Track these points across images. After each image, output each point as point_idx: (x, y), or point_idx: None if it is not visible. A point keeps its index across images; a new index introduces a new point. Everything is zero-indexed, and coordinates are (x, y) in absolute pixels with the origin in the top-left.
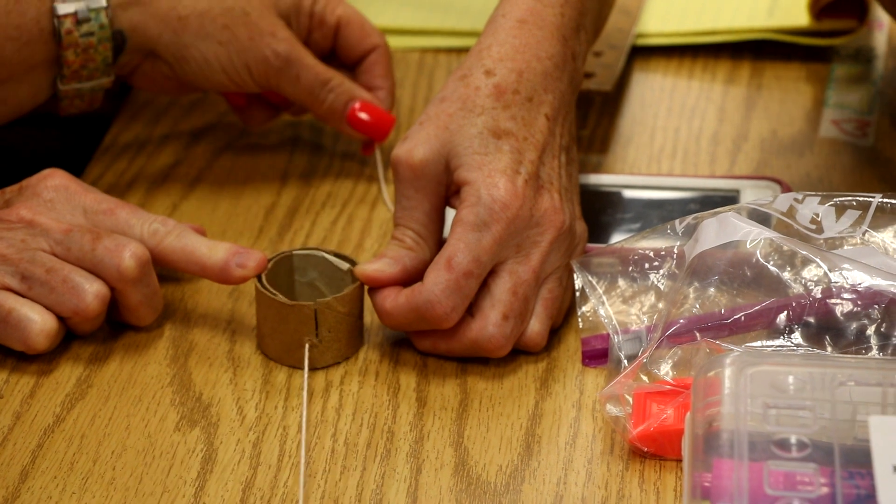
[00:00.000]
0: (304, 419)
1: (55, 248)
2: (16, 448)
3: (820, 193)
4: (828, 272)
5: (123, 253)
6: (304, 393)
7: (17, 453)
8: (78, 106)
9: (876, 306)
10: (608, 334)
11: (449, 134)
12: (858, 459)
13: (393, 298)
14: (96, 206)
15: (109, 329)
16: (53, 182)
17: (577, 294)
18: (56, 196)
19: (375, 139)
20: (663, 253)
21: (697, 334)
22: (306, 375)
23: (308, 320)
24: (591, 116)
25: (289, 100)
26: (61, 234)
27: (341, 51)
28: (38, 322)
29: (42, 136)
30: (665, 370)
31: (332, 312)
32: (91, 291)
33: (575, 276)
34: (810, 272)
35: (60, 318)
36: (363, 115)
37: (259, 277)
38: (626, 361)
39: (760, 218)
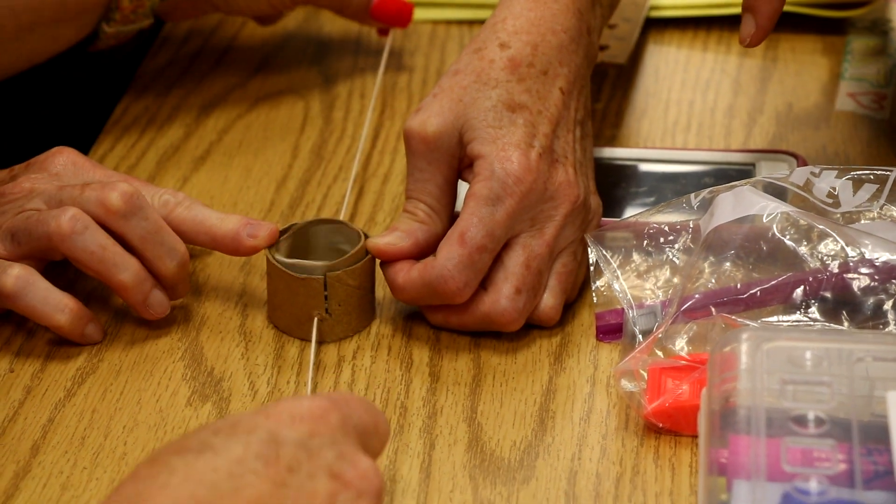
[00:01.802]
0: (309, 392)
1: (49, 203)
2: (27, 423)
3: (837, 167)
4: (845, 246)
5: (108, 189)
6: (311, 366)
7: (28, 428)
8: (111, 44)
9: (894, 281)
10: (622, 309)
11: (463, 107)
12: (876, 436)
13: (405, 273)
14: (105, 180)
15: (120, 304)
16: (62, 158)
17: (592, 268)
18: (63, 171)
19: (399, 26)
20: (678, 227)
21: (713, 309)
22: (314, 348)
23: (318, 293)
24: (604, 89)
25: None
26: (55, 190)
27: None
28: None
29: (49, 114)
30: (680, 345)
31: (342, 286)
32: (67, 215)
33: (589, 250)
34: (827, 247)
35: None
36: (385, 7)
37: (270, 249)
38: (640, 336)
39: (776, 192)
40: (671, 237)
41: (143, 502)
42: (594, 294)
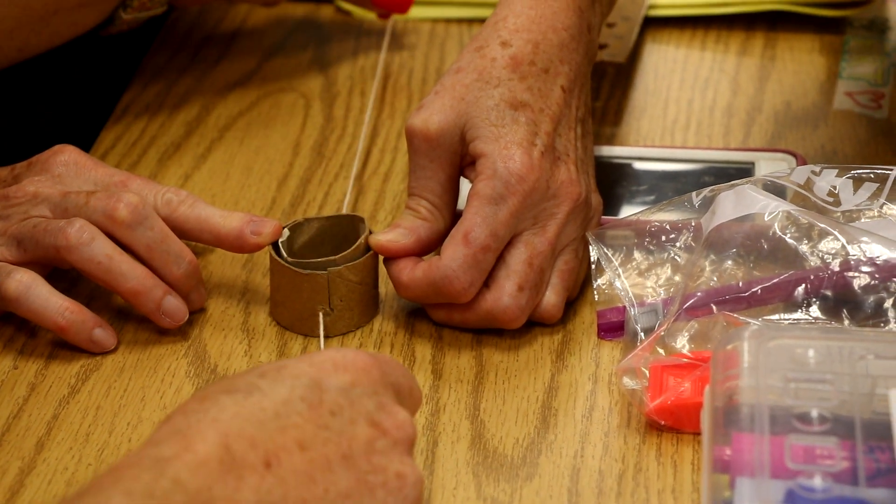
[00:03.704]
0: None
1: (54, 211)
2: (31, 419)
3: (837, 166)
4: (845, 245)
5: (114, 200)
6: None
7: (33, 424)
8: (122, 28)
9: (894, 279)
10: (624, 307)
11: (465, 105)
12: (879, 433)
13: (409, 271)
14: (108, 179)
15: (122, 302)
16: (63, 157)
17: (593, 266)
18: (65, 171)
19: (399, 12)
20: (680, 225)
21: (714, 307)
22: (322, 345)
23: (320, 289)
24: (604, 88)
25: None
26: (59, 197)
27: None
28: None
29: (50, 109)
30: (682, 343)
31: (344, 281)
32: (74, 227)
33: (591, 248)
34: (828, 245)
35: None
36: None
37: (273, 246)
38: (642, 334)
39: (777, 190)
40: (672, 235)
41: (194, 433)
42: (595, 292)
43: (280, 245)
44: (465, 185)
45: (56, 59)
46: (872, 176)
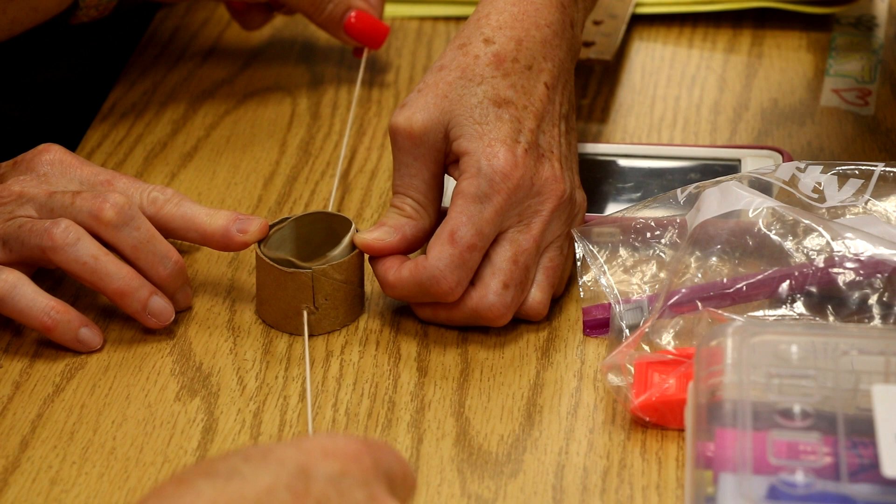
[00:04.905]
0: (308, 385)
1: (40, 211)
2: (15, 417)
3: (822, 162)
4: (830, 241)
5: (100, 200)
6: (307, 361)
7: (17, 423)
8: (91, 15)
9: (878, 275)
10: (609, 304)
11: (448, 103)
12: (861, 429)
13: (396, 270)
14: (93, 178)
15: (107, 300)
16: (49, 156)
17: (578, 263)
18: (51, 170)
19: (371, 47)
20: (665, 222)
21: (699, 304)
22: (307, 344)
23: (305, 288)
24: (591, 85)
25: (284, 2)
26: (45, 197)
27: None
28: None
29: (36, 108)
30: (667, 340)
31: (329, 280)
32: (59, 227)
33: (576, 245)
34: (812, 241)
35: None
36: (359, 24)
37: (259, 244)
38: (627, 331)
39: (762, 187)
40: (658, 232)
41: None
42: (581, 289)
43: (265, 243)
44: (450, 183)
45: (42, 56)
46: (857, 172)
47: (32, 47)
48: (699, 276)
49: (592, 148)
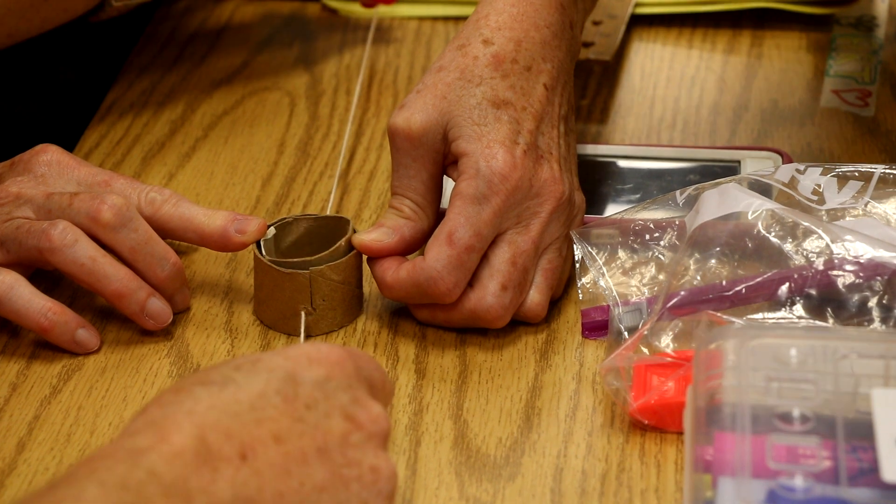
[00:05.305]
0: None
1: (38, 213)
2: (12, 419)
3: (822, 164)
4: (830, 244)
5: (97, 201)
6: None
7: (14, 425)
8: (113, 15)
9: (878, 278)
10: (608, 306)
11: (447, 104)
12: (861, 433)
13: (394, 272)
14: (91, 179)
15: (105, 302)
16: (46, 157)
17: (577, 265)
18: (48, 171)
19: (384, 2)
20: (664, 224)
21: (698, 306)
22: (302, 342)
23: (303, 288)
24: (590, 86)
25: None
26: (43, 198)
27: None
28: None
29: (34, 107)
30: (666, 342)
31: (327, 281)
32: (57, 229)
33: (575, 246)
34: (812, 244)
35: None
36: None
37: (257, 244)
38: (626, 333)
39: (762, 189)
40: (657, 234)
41: (170, 424)
42: (580, 291)
43: (263, 244)
44: (449, 184)
45: (41, 55)
46: (857, 174)
47: (32, 47)
48: (698, 278)
49: (591, 149)
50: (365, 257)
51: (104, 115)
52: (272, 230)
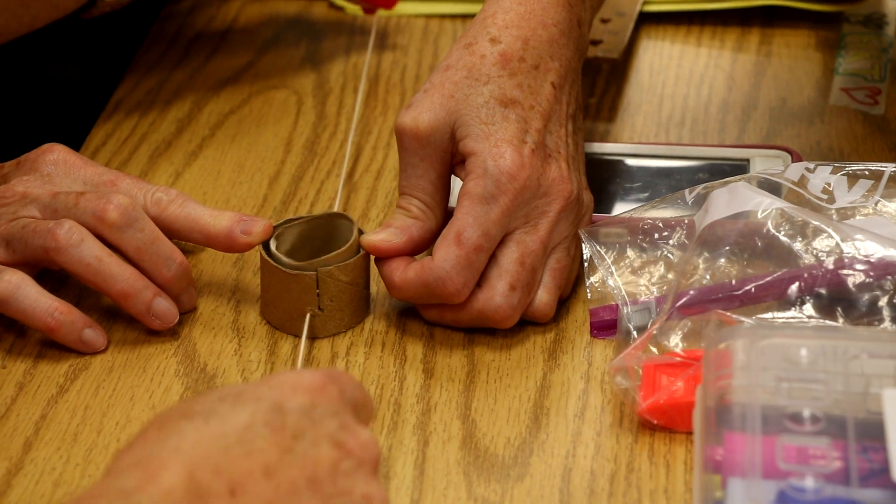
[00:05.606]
0: None
1: (44, 212)
2: (19, 419)
3: (832, 163)
4: (840, 243)
5: (103, 201)
6: (301, 362)
7: (21, 424)
8: (105, 11)
9: (888, 277)
10: (617, 305)
11: (455, 102)
12: (872, 433)
13: (402, 272)
14: (97, 178)
15: (111, 301)
16: (52, 156)
17: (586, 264)
18: (55, 170)
19: (384, 7)
20: (673, 223)
21: (708, 306)
22: (303, 344)
23: (310, 289)
24: (598, 84)
25: None
26: (49, 198)
27: None
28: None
29: (41, 105)
30: (675, 342)
31: (334, 281)
32: (63, 228)
33: (583, 246)
34: (822, 243)
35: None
36: None
37: (263, 245)
38: (635, 333)
39: (771, 188)
40: (666, 233)
41: (156, 463)
42: (588, 290)
43: (270, 244)
44: (457, 183)
45: (47, 55)
46: (867, 173)
47: (38, 45)
48: (708, 277)
49: (599, 147)
50: (373, 258)
51: (111, 114)
52: (277, 231)
